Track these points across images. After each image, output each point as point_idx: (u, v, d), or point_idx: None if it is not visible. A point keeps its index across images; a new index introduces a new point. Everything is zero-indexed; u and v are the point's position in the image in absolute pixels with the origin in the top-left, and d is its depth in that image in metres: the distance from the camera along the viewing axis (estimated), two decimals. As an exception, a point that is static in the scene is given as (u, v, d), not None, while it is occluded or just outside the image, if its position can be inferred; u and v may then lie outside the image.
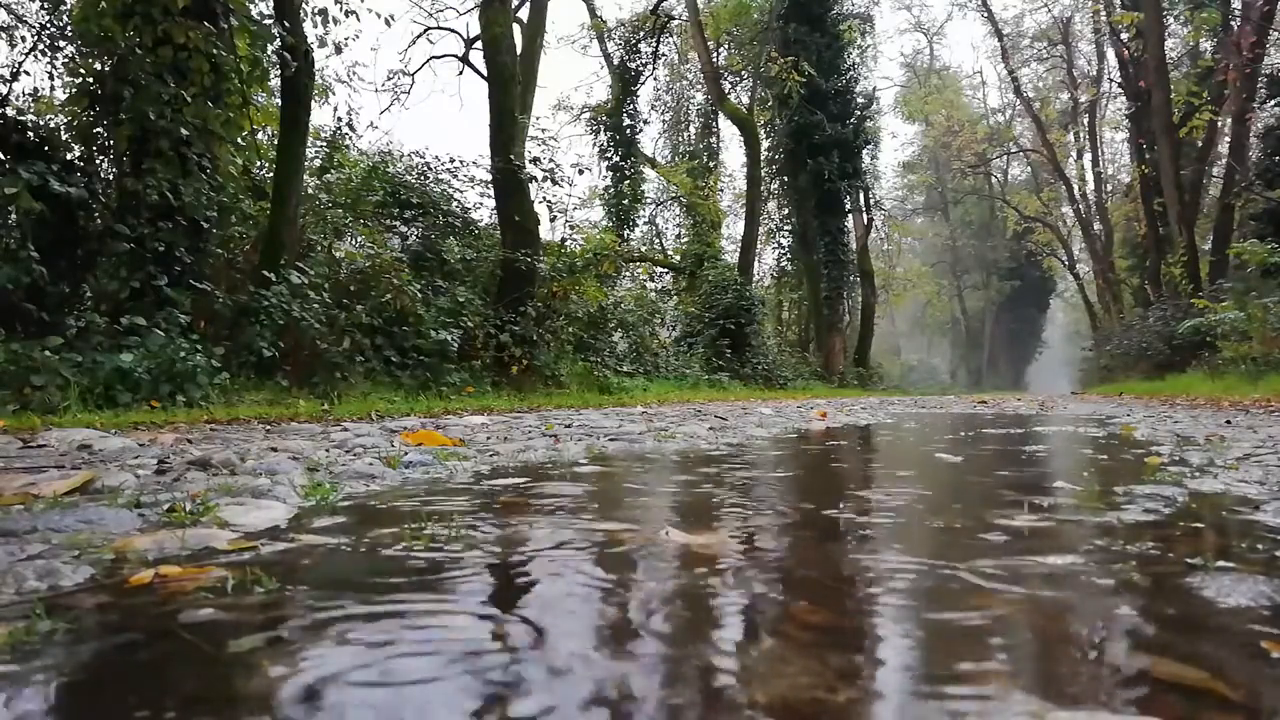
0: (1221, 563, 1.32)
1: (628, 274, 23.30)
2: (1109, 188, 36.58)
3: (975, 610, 1.07)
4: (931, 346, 65.36)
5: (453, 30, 27.42)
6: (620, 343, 17.30)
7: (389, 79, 21.84)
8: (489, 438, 4.22)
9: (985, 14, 35.71)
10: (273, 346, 7.97)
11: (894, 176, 50.39)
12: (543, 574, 1.28)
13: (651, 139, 32.06)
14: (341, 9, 9.61)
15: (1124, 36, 25.82)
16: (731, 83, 28.74)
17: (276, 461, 2.68)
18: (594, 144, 27.20)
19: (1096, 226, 35.06)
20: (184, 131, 7.58)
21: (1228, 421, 5.79)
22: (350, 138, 13.97)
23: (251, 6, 9.05)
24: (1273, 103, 19.32)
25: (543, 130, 14.77)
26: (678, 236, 29.59)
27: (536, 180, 13.34)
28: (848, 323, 29.78)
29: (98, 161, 7.99)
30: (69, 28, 8.31)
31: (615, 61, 27.92)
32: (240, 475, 2.38)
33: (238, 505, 1.79)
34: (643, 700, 0.77)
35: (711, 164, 29.21)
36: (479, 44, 16.84)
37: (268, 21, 9.04)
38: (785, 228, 30.40)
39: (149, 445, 3.49)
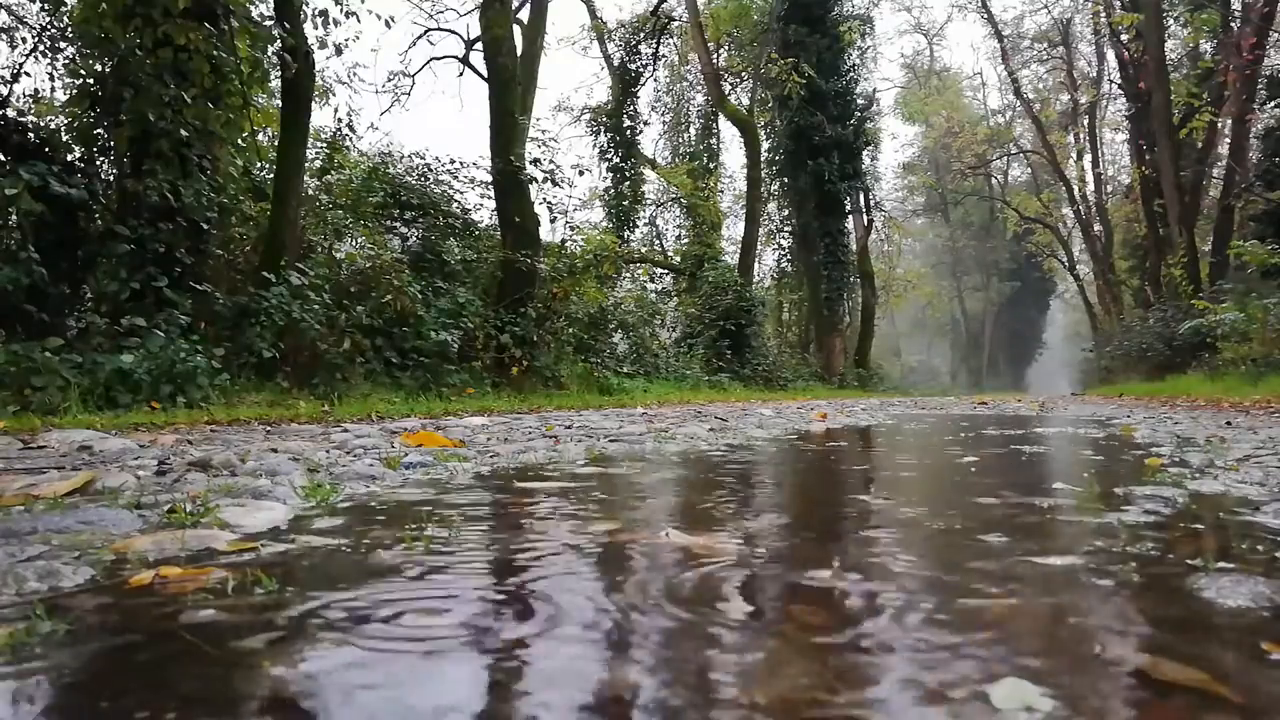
0: (1222, 564, 1.32)
1: (628, 275, 23.32)
2: (1109, 189, 36.57)
3: (974, 611, 1.07)
4: (932, 348, 65.34)
5: (453, 32, 27.51)
6: (620, 344, 17.30)
7: (389, 80, 21.89)
8: (489, 439, 4.23)
9: (985, 15, 35.69)
10: (273, 347, 7.97)
11: (894, 178, 50.36)
12: (542, 574, 1.28)
13: (652, 140, 32.09)
14: (342, 10, 9.61)
15: (1124, 38, 25.83)
16: (732, 84, 28.76)
17: (277, 463, 2.68)
18: (594, 145, 27.26)
19: (1096, 228, 35.03)
20: (184, 133, 7.58)
21: (1228, 423, 5.79)
22: (350, 139, 13.96)
23: (252, 8, 9.05)
24: (1273, 104, 19.31)
25: (543, 131, 14.75)
26: (678, 237, 29.59)
27: (537, 181, 13.34)
28: (848, 324, 29.79)
29: (98, 163, 8.00)
30: (69, 29, 8.31)
31: (615, 63, 27.95)
32: (240, 476, 2.37)
33: (238, 506, 1.79)
34: (641, 701, 0.77)
35: (712, 165, 29.19)
36: (479, 45, 16.86)
37: (268, 23, 9.05)
38: (785, 229, 30.43)
39: (149, 446, 3.49)
